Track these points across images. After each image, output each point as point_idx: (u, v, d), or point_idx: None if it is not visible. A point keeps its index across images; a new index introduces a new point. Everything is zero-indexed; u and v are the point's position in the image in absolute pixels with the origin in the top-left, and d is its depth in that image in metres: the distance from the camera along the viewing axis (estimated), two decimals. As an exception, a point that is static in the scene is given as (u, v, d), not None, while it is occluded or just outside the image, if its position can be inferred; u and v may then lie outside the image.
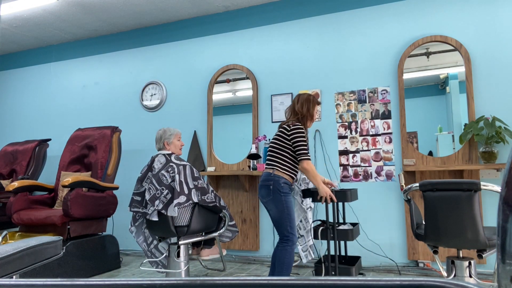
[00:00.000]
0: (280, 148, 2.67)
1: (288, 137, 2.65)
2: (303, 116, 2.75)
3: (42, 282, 0.50)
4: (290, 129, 2.65)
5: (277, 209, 2.58)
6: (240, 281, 0.46)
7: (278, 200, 2.57)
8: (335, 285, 0.44)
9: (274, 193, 2.58)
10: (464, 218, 2.08)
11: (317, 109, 2.88)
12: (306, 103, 2.76)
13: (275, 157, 2.67)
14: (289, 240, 2.58)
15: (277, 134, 2.73)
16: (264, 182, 2.64)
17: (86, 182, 3.55)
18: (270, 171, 2.64)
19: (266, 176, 2.64)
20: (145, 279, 0.49)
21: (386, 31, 3.76)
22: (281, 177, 2.61)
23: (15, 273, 1.57)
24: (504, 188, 0.55)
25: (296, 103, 2.78)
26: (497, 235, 0.56)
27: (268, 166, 2.69)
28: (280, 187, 2.58)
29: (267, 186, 2.60)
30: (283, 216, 2.58)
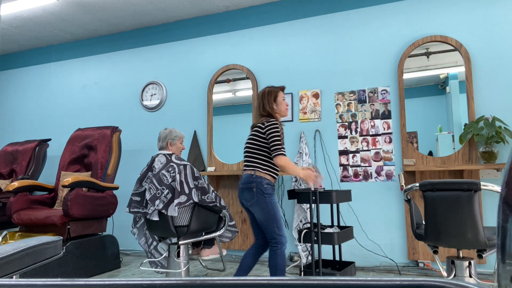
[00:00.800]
0: (257, 148, 2.59)
1: (264, 134, 2.56)
2: (270, 112, 2.64)
3: (42, 282, 0.50)
4: (265, 126, 2.56)
5: (262, 211, 2.50)
6: (240, 281, 0.46)
7: (262, 202, 2.50)
8: (335, 285, 0.44)
9: (258, 195, 2.50)
10: (464, 218, 2.08)
11: (282, 97, 2.70)
12: (267, 97, 2.66)
13: (254, 158, 2.59)
14: (277, 243, 2.51)
15: (252, 134, 2.64)
16: (246, 184, 2.54)
17: (86, 182, 3.55)
18: (251, 173, 2.55)
19: (248, 178, 2.55)
20: (145, 279, 0.49)
21: (386, 31, 3.76)
22: (263, 178, 2.53)
23: (15, 273, 1.57)
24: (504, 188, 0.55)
25: (257, 106, 2.69)
26: (497, 235, 0.56)
27: (248, 167, 2.59)
28: (263, 189, 2.51)
29: (249, 188, 2.52)
30: (270, 218, 2.50)
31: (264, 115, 2.65)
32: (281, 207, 3.97)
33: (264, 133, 2.56)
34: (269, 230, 2.51)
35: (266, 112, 2.64)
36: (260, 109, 2.67)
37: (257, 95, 2.73)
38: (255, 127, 2.63)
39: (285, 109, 2.71)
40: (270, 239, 2.53)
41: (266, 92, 2.68)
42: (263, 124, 2.58)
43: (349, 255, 3.67)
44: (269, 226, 2.51)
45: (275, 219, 2.51)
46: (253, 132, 2.64)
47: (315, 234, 3.00)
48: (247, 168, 2.60)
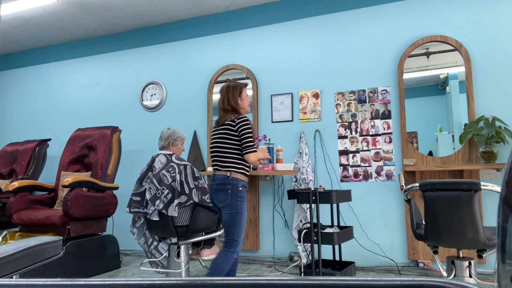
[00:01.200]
0: (230, 147, 2.51)
1: (236, 131, 2.49)
2: (234, 107, 2.58)
3: (42, 282, 0.50)
4: (236, 123, 2.49)
5: (231, 213, 2.46)
6: (240, 281, 0.46)
7: (234, 206, 2.46)
8: (335, 285, 0.44)
9: (232, 198, 2.46)
10: (464, 218, 2.08)
11: (246, 93, 2.65)
12: (232, 92, 2.59)
13: (227, 158, 2.51)
14: (232, 246, 2.47)
15: (222, 131, 2.54)
16: (221, 186, 2.48)
17: (86, 182, 3.55)
18: (226, 174, 2.48)
19: (223, 180, 2.48)
20: (145, 279, 0.49)
21: (386, 31, 3.76)
22: (239, 180, 2.49)
23: (15, 273, 1.57)
24: (504, 188, 0.55)
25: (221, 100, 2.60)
26: (497, 235, 0.56)
27: (222, 168, 2.51)
28: (238, 192, 2.47)
29: (225, 190, 2.46)
30: (235, 222, 2.46)
31: (228, 110, 2.58)
32: (281, 207, 3.97)
33: (237, 130, 2.49)
34: (230, 232, 2.48)
35: (231, 106, 2.58)
36: (224, 103, 2.59)
37: (221, 89, 2.64)
38: (225, 124, 2.53)
39: (248, 105, 2.66)
40: (228, 242, 2.49)
41: (232, 87, 2.62)
42: (233, 121, 2.50)
43: (349, 255, 3.67)
44: (231, 228, 2.47)
45: (239, 224, 2.47)
46: (222, 131, 2.54)
47: (315, 234, 3.00)
48: (221, 168, 2.52)
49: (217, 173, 2.54)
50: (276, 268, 3.75)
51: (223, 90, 2.63)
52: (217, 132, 2.59)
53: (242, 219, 2.49)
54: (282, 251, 3.93)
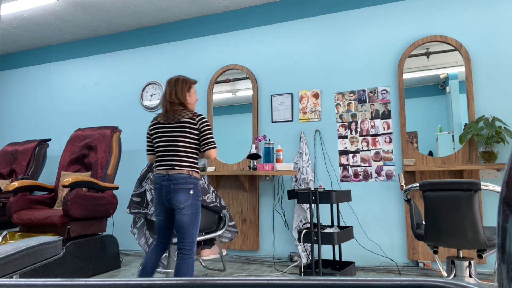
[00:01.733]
0: (191, 146, 2.41)
1: (196, 130, 2.41)
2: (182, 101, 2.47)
3: (42, 282, 0.50)
4: (197, 120, 2.41)
5: (192, 214, 2.36)
6: (240, 281, 0.46)
7: (195, 206, 2.37)
8: (335, 285, 0.44)
9: (194, 198, 2.36)
10: (464, 218, 2.08)
11: (194, 90, 2.57)
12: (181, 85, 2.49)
13: (188, 156, 2.40)
14: (191, 251, 2.38)
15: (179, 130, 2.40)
16: (182, 185, 2.34)
17: (86, 182, 3.55)
18: (186, 173, 2.36)
19: (185, 179, 2.34)
20: (145, 279, 0.49)
21: (386, 31, 3.76)
22: (198, 179, 2.41)
23: (15, 273, 1.57)
24: (504, 188, 0.55)
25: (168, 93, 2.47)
26: (497, 235, 0.56)
27: (181, 167, 2.37)
28: (199, 192, 2.40)
29: (186, 190, 2.34)
30: (195, 223, 2.38)
31: (174, 103, 2.45)
32: (281, 207, 3.97)
33: (198, 128, 2.41)
34: (188, 235, 2.36)
35: (178, 100, 2.45)
36: (172, 96, 2.45)
37: (169, 81, 2.51)
38: (182, 121, 2.40)
39: (195, 103, 2.58)
40: (184, 245, 2.36)
41: (181, 80, 2.51)
42: (193, 119, 2.41)
43: (349, 255, 3.67)
44: (190, 230, 2.37)
45: (197, 225, 2.40)
46: (182, 127, 2.40)
47: (315, 234, 3.00)
48: (180, 167, 2.37)
49: (174, 172, 2.37)
50: (276, 268, 3.75)
51: (172, 82, 2.50)
52: (171, 129, 2.42)
53: (199, 220, 2.42)
54: (282, 251, 3.93)
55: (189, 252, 2.37)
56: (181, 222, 2.36)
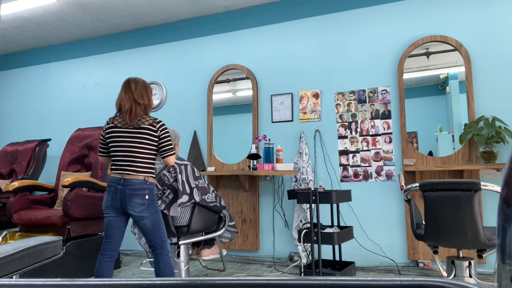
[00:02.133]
0: (149, 153, 2.45)
1: (157, 137, 2.45)
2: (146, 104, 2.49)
3: (42, 282, 0.50)
4: (157, 127, 2.44)
5: (152, 217, 2.41)
6: (240, 281, 0.46)
7: (153, 208, 2.42)
8: (335, 285, 0.44)
9: (150, 202, 2.41)
10: (464, 218, 2.08)
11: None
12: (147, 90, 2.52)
13: (145, 163, 2.43)
14: (164, 249, 2.44)
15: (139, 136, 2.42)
16: (138, 191, 2.37)
17: (86, 182, 3.55)
18: (143, 179, 2.40)
19: (141, 185, 2.38)
20: (145, 279, 0.49)
21: (386, 31, 3.76)
22: (153, 184, 2.48)
23: (15, 273, 1.57)
24: (504, 188, 0.55)
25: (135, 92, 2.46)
26: (497, 235, 0.56)
27: (138, 172, 2.40)
28: (154, 196, 2.47)
29: (142, 195, 2.38)
30: (158, 223, 2.44)
31: (140, 104, 2.45)
32: (281, 207, 3.97)
33: (158, 136, 2.45)
34: (157, 236, 2.43)
35: (143, 103, 2.46)
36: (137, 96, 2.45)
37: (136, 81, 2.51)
38: (142, 128, 2.42)
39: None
40: (157, 245, 2.43)
41: (148, 85, 2.55)
42: (153, 125, 2.43)
43: (349, 255, 3.67)
44: (157, 231, 2.42)
45: (162, 224, 2.47)
46: (142, 134, 2.42)
47: (315, 234, 3.00)
48: (136, 173, 2.40)
49: (130, 177, 2.39)
50: (276, 268, 3.75)
51: (139, 84, 2.50)
52: (131, 135, 2.43)
53: (162, 220, 2.49)
54: (282, 251, 3.93)
55: (162, 250, 2.43)
56: (144, 227, 2.40)
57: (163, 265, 2.41)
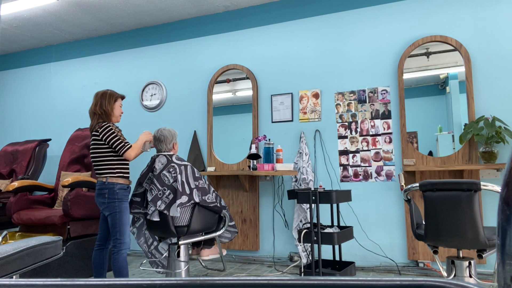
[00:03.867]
0: (102, 155, 2.71)
1: (103, 140, 2.69)
2: (106, 112, 2.75)
3: (42, 282, 0.50)
4: (99, 132, 2.69)
5: (111, 214, 2.70)
6: (240, 281, 0.46)
7: (112, 206, 2.69)
8: (335, 285, 0.44)
9: (109, 200, 2.68)
10: (464, 218, 2.08)
11: (120, 104, 2.86)
12: (108, 98, 2.77)
13: (103, 165, 2.71)
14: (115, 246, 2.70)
15: (92, 143, 2.75)
16: (99, 191, 2.70)
17: (86, 182, 3.54)
18: (103, 180, 2.70)
19: (100, 185, 2.70)
20: (145, 279, 0.49)
21: (386, 31, 3.76)
22: (115, 183, 2.70)
23: (15, 273, 1.57)
24: (504, 188, 0.55)
25: (94, 104, 2.78)
26: (497, 235, 0.56)
27: (100, 175, 2.72)
28: (115, 194, 2.69)
29: (102, 194, 2.69)
30: (115, 222, 2.69)
31: (97, 114, 2.75)
32: (281, 207, 3.97)
33: (101, 138, 2.69)
34: (113, 232, 2.71)
35: (102, 111, 2.75)
36: (96, 107, 2.75)
37: (96, 94, 2.81)
38: (92, 135, 2.75)
39: (119, 115, 2.86)
40: (112, 242, 2.73)
41: (108, 94, 2.81)
42: (97, 131, 2.70)
43: (349, 255, 3.67)
44: (114, 228, 2.70)
45: (120, 223, 2.70)
46: (92, 141, 2.75)
47: (315, 234, 3.00)
48: (99, 175, 2.72)
49: (97, 180, 2.75)
50: (276, 268, 3.75)
51: (99, 95, 2.80)
52: (91, 141, 2.78)
53: (122, 218, 2.71)
54: (282, 251, 3.93)
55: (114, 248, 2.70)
56: (108, 222, 2.74)
57: (113, 261, 2.69)
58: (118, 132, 2.72)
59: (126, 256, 2.73)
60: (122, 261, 2.70)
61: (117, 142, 2.68)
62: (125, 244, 2.71)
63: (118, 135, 2.70)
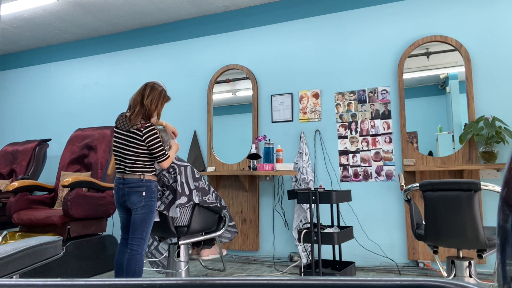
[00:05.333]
0: (138, 152, 2.54)
1: (143, 142, 2.52)
2: (150, 112, 2.58)
3: (42, 282, 0.50)
4: (143, 133, 2.51)
5: (145, 213, 2.54)
6: (240, 281, 0.46)
7: (149, 205, 2.55)
8: (335, 285, 0.44)
9: (147, 198, 2.54)
10: (464, 218, 2.08)
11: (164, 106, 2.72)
12: (156, 100, 2.60)
13: (137, 161, 2.54)
14: (139, 247, 2.55)
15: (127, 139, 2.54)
16: (135, 188, 2.52)
17: (86, 182, 3.55)
18: (139, 177, 2.53)
19: (137, 182, 2.52)
20: (145, 279, 0.49)
21: (386, 31, 3.76)
22: (152, 181, 2.58)
23: (15, 273, 1.57)
24: (504, 188, 0.55)
25: (146, 96, 2.57)
26: (497, 235, 0.56)
27: (133, 172, 2.54)
28: (153, 193, 2.57)
29: (139, 192, 2.52)
30: (147, 221, 2.55)
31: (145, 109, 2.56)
32: (281, 207, 3.97)
33: (144, 140, 2.52)
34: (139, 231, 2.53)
35: (153, 107, 2.58)
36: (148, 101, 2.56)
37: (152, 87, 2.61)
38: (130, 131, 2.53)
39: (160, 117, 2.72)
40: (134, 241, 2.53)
41: (165, 93, 2.66)
42: (140, 131, 2.51)
43: (349, 255, 3.67)
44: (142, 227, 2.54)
45: (150, 223, 2.57)
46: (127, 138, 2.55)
47: (315, 234, 3.00)
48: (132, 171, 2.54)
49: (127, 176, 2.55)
50: (276, 268, 3.75)
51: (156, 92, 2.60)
52: (124, 137, 2.56)
53: (153, 218, 2.61)
54: (282, 251, 3.93)
55: (138, 248, 2.53)
56: (134, 220, 2.55)
57: (134, 262, 2.52)
58: (161, 138, 2.60)
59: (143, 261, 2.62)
60: (142, 263, 2.58)
61: (159, 149, 2.54)
62: (146, 244, 2.58)
63: (161, 141, 2.57)
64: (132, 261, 2.52)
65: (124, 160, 2.55)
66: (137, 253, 2.53)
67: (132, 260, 2.52)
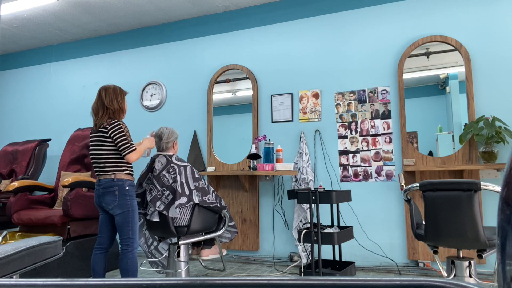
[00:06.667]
0: (107, 152, 2.61)
1: (110, 138, 2.59)
2: (114, 111, 2.67)
3: (42, 282, 0.50)
4: (108, 129, 2.59)
5: (122, 212, 2.59)
6: (240, 281, 0.46)
7: (124, 204, 2.59)
8: (335, 285, 0.44)
9: (120, 197, 2.58)
10: (464, 218, 2.08)
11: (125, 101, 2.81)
12: (114, 98, 2.70)
13: (108, 162, 2.61)
14: (129, 245, 2.61)
15: (96, 139, 2.64)
16: (107, 189, 2.58)
17: (86, 182, 3.55)
18: (110, 177, 2.59)
19: (108, 183, 2.59)
20: (145, 279, 0.49)
21: (386, 31, 3.76)
22: (125, 180, 2.62)
23: (15, 273, 1.57)
24: (504, 188, 0.55)
25: (104, 98, 2.68)
26: (497, 235, 0.56)
27: (105, 172, 2.61)
28: (126, 191, 2.61)
29: (111, 192, 2.58)
30: (128, 220, 2.60)
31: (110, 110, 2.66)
32: (281, 207, 3.97)
33: (109, 136, 2.59)
34: (123, 231, 2.61)
35: (117, 106, 2.68)
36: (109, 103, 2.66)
37: (106, 89, 2.73)
38: (98, 131, 2.63)
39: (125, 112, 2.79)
40: (122, 240, 2.62)
41: (119, 89, 2.77)
42: (105, 128, 2.60)
43: (349, 255, 3.67)
44: (124, 227, 2.60)
45: (132, 221, 2.62)
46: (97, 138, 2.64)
47: (315, 234, 3.00)
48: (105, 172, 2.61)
49: (101, 178, 2.62)
50: (276, 268, 3.75)
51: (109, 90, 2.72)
52: (94, 139, 2.67)
53: (134, 216, 2.64)
54: (282, 251, 3.93)
55: (127, 247, 2.61)
56: (116, 222, 2.63)
57: (125, 260, 2.60)
58: (127, 132, 2.65)
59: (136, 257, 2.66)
60: (135, 260, 2.62)
61: (123, 142, 2.58)
62: (137, 243, 2.64)
63: (127, 135, 2.63)
64: (123, 259, 2.60)
65: (97, 162, 2.64)
66: (127, 251, 2.60)
67: (124, 259, 2.60)
